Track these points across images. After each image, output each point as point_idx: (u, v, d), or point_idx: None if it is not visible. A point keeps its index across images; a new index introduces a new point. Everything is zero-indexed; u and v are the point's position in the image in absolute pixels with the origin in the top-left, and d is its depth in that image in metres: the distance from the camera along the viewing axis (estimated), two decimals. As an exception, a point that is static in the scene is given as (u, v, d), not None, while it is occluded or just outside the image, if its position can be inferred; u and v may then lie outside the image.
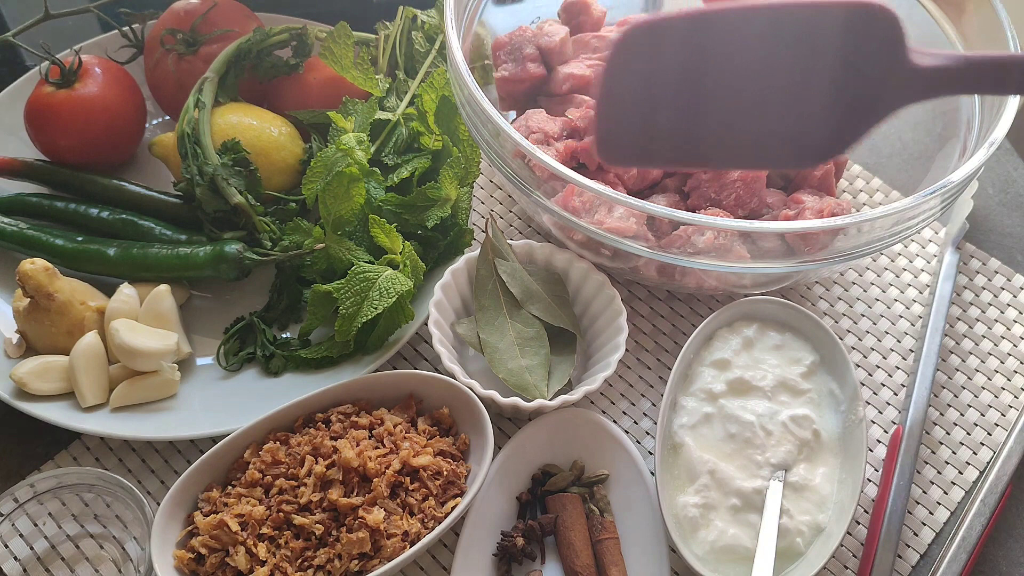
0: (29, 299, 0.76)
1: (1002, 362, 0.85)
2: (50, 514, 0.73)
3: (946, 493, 0.78)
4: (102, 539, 0.73)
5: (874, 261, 0.90)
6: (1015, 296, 0.88)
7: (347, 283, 0.75)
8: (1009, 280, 0.89)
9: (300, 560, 0.66)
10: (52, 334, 0.77)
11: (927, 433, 0.81)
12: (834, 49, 0.49)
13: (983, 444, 0.80)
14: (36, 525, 0.72)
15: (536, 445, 0.75)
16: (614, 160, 0.53)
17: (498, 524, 0.72)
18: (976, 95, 0.69)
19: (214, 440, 0.74)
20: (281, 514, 0.67)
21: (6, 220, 0.84)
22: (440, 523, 0.68)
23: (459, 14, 0.83)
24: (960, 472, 0.79)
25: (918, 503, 0.77)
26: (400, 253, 0.78)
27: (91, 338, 0.76)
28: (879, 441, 0.80)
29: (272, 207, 0.85)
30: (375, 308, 0.74)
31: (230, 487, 0.70)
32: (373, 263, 0.78)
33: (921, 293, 0.88)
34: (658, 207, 0.70)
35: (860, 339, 0.85)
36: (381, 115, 0.86)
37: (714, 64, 0.50)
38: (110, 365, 0.77)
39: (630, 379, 0.82)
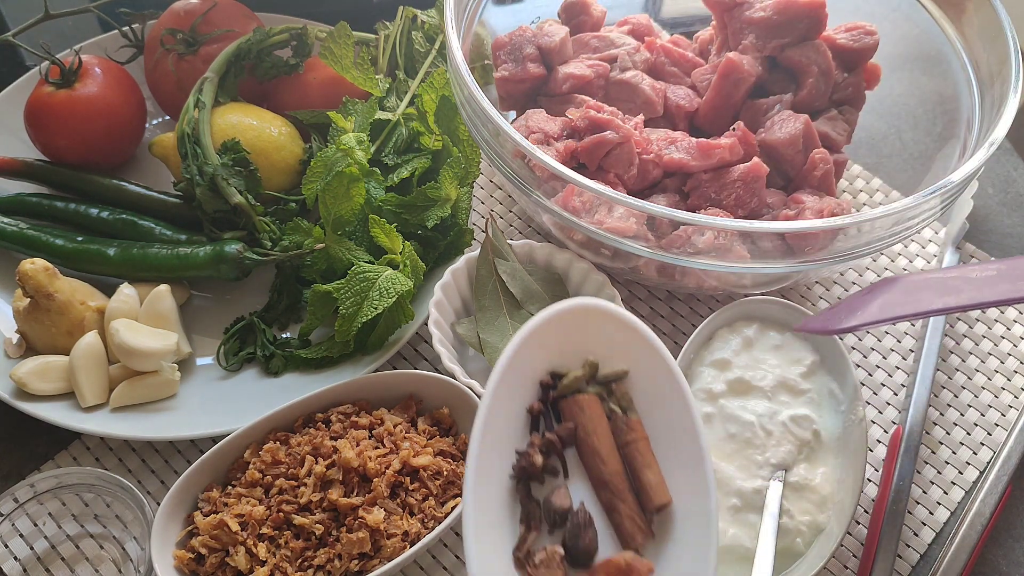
0: (29, 299, 0.76)
1: (1002, 362, 0.85)
2: (50, 514, 0.73)
3: (946, 493, 0.78)
4: (102, 539, 0.73)
5: (874, 261, 0.90)
6: (1015, 296, 0.88)
7: (347, 283, 0.75)
8: (1009, 280, 0.89)
9: (300, 560, 0.66)
10: (52, 334, 0.77)
11: (927, 433, 0.81)
12: None
13: (983, 444, 0.80)
14: (36, 525, 0.72)
15: (540, 353, 0.62)
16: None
17: (511, 444, 0.60)
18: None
19: (214, 440, 0.74)
20: (281, 514, 0.67)
21: (6, 220, 0.84)
22: (440, 523, 0.68)
23: (459, 14, 0.83)
24: (960, 472, 0.79)
25: (918, 503, 0.77)
26: (400, 253, 0.78)
27: (91, 338, 0.76)
28: (879, 441, 0.80)
29: (272, 207, 0.85)
30: (375, 308, 0.74)
31: (230, 487, 0.70)
32: (373, 263, 0.78)
33: (921, 293, 0.88)
34: (658, 207, 0.70)
35: (860, 339, 0.85)
36: (381, 115, 0.86)
37: None
38: (110, 365, 0.77)
39: (630, 379, 0.82)
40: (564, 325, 0.62)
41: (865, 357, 0.84)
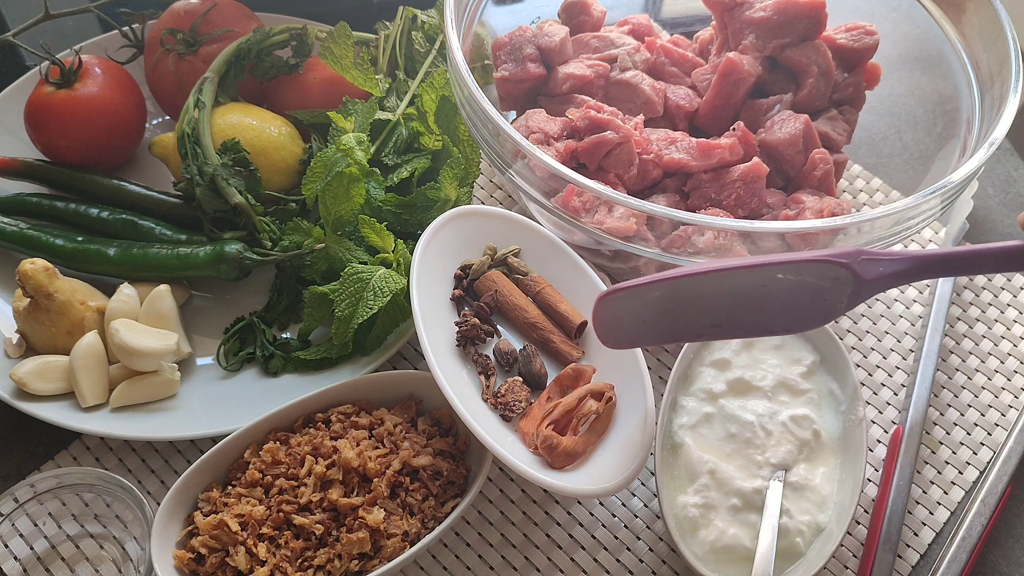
0: (29, 299, 0.76)
1: (1002, 362, 0.85)
2: (50, 514, 0.73)
3: (946, 493, 0.78)
4: (102, 539, 0.73)
5: (874, 261, 0.90)
6: (1015, 296, 0.88)
7: (341, 284, 0.75)
8: (1009, 280, 0.89)
9: (300, 560, 0.66)
10: (52, 334, 0.77)
11: (927, 433, 0.81)
12: (800, 289, 0.61)
13: (983, 444, 0.80)
14: (36, 525, 0.72)
15: (445, 255, 0.76)
16: (613, 345, 0.68)
17: (451, 327, 0.74)
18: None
19: (214, 440, 0.74)
20: (281, 514, 0.67)
21: (6, 220, 0.84)
22: (440, 523, 0.68)
23: (459, 14, 0.83)
24: (960, 472, 0.79)
25: (918, 503, 0.77)
26: (393, 251, 0.78)
27: (91, 338, 0.76)
28: (879, 441, 0.80)
29: (272, 207, 0.85)
30: (370, 308, 0.74)
31: (230, 487, 0.70)
32: (366, 263, 0.78)
33: (921, 293, 0.88)
34: (658, 207, 0.70)
35: (860, 339, 0.86)
36: (381, 115, 0.86)
37: (694, 305, 0.63)
38: (110, 365, 0.77)
39: (630, 379, 0.82)
40: (455, 231, 0.76)
41: (865, 357, 0.84)
